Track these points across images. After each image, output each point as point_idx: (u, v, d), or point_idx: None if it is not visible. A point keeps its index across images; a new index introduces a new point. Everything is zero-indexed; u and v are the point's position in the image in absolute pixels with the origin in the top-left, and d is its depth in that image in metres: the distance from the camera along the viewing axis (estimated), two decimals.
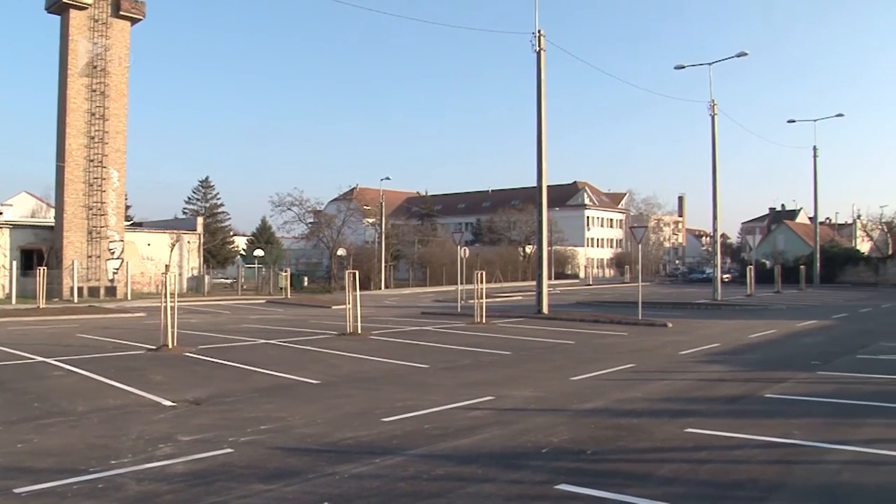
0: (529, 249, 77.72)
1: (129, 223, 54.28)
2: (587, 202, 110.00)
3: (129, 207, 61.58)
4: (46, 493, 6.20)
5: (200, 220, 57.53)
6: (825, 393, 11.39)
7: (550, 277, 50.57)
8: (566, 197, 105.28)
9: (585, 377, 12.96)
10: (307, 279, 61.36)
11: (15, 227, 44.88)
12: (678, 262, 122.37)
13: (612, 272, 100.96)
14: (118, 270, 43.43)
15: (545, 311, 28.22)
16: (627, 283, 70.92)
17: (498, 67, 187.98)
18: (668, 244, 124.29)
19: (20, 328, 23.68)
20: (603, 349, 17.75)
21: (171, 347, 16.85)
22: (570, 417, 9.55)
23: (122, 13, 42.58)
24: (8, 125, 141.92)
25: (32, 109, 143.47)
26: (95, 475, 6.67)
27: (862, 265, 70.31)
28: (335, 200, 71.62)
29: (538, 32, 27.98)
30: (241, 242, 79.39)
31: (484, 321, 25.18)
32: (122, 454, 7.47)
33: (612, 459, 7.53)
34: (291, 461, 7.33)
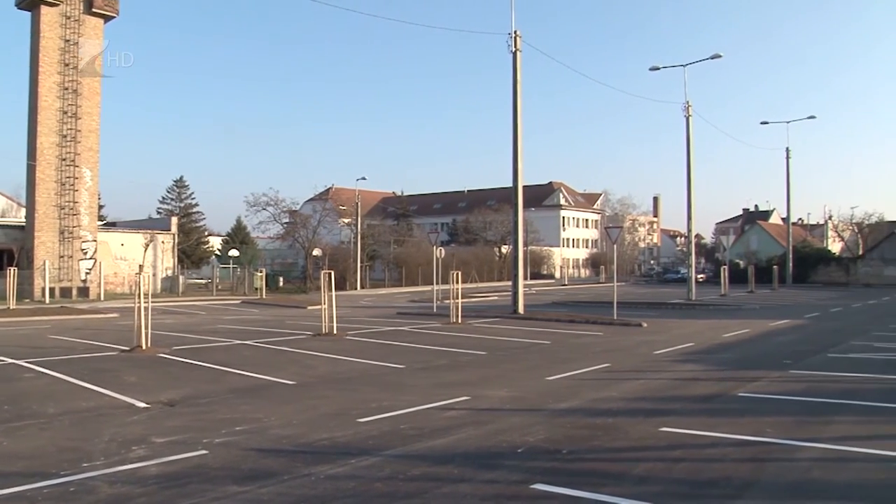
0: (505, 249, 77.82)
1: (102, 223, 53.74)
2: (563, 202, 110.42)
3: (102, 207, 61.10)
4: (15, 497, 6.11)
5: (175, 219, 57.04)
6: (797, 391, 11.53)
7: (526, 277, 50.59)
8: (542, 197, 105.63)
9: (561, 377, 13.00)
10: (282, 279, 61.09)
11: None
12: (653, 262, 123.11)
13: (587, 272, 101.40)
14: (91, 271, 42.96)
15: (521, 311, 28.29)
16: (603, 283, 71.24)
17: (474, 68, 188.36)
18: (643, 244, 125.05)
19: None
20: (578, 349, 17.82)
21: (144, 348, 16.68)
22: (545, 417, 9.58)
23: (94, 10, 41.99)
24: None
25: (2, 107, 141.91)
26: (66, 479, 6.58)
27: (833, 265, 71.20)
28: (311, 200, 71.37)
29: (514, 33, 28.05)
30: (215, 242, 78.93)
31: (460, 321, 25.19)
32: (94, 457, 7.39)
33: (587, 459, 7.55)
34: (266, 462, 7.30)
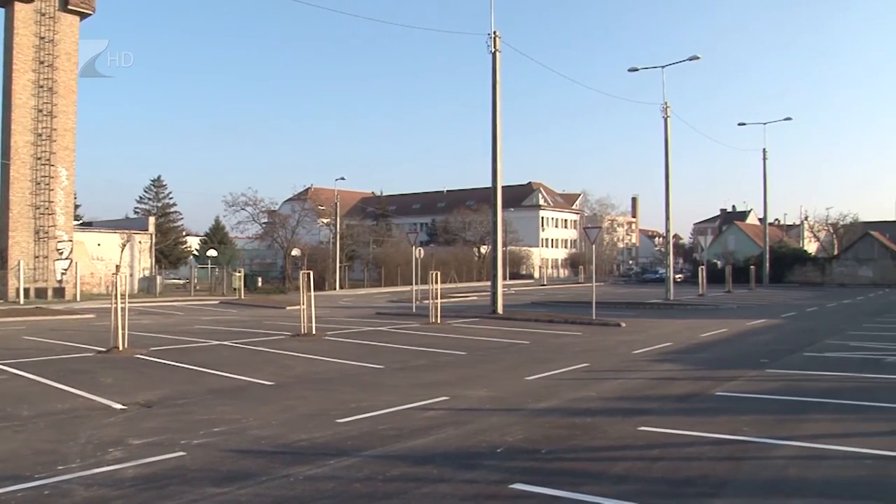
0: (484, 250, 77.92)
1: (78, 223, 53.29)
2: (542, 203, 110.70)
3: (78, 206, 60.57)
4: None
5: (152, 219, 56.67)
6: (773, 390, 11.64)
7: (505, 278, 50.76)
8: (521, 197, 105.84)
9: (540, 377, 13.03)
10: (261, 280, 60.76)
11: None
12: (632, 262, 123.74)
13: (566, 272, 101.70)
14: (67, 271, 42.50)
15: (500, 311, 28.33)
16: (582, 283, 71.56)
17: (453, 68, 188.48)
18: (621, 245, 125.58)
19: None
20: (557, 349, 17.87)
21: (121, 349, 16.53)
22: (524, 417, 9.60)
23: (70, 7, 41.44)
24: None
25: None
26: (41, 482, 6.51)
27: (809, 265, 71.96)
28: (289, 200, 71.18)
29: (493, 34, 28.08)
30: (193, 243, 78.35)
31: (439, 321, 25.19)
32: (69, 459, 7.31)
33: (566, 458, 7.58)
34: (245, 463, 7.26)
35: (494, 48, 28.06)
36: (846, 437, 8.43)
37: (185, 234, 79.42)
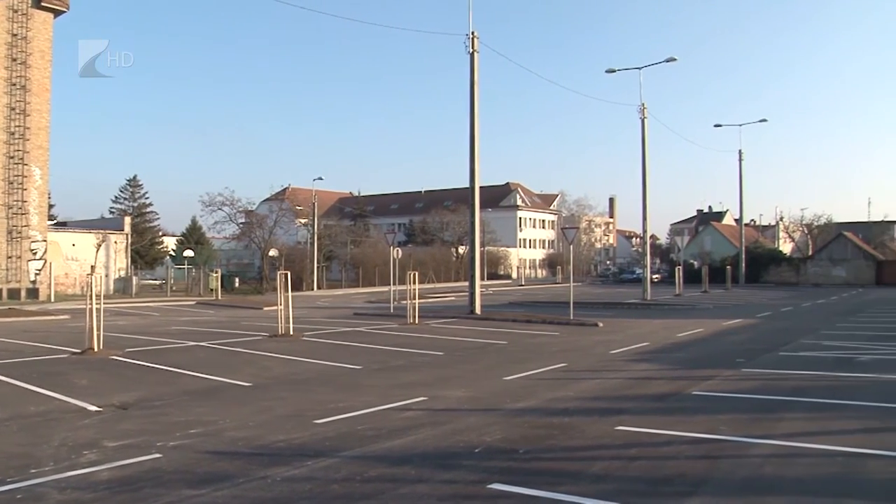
0: (462, 250, 77.98)
1: (52, 222, 52.68)
2: (519, 203, 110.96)
3: (52, 206, 59.89)
4: None
5: (128, 219, 56.11)
6: (749, 389, 11.74)
7: (483, 278, 50.82)
8: (499, 198, 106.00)
9: (518, 377, 13.06)
10: (238, 280, 60.44)
11: None
12: (609, 262, 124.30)
13: (544, 273, 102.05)
14: (40, 272, 41.95)
15: (478, 311, 28.35)
16: (559, 283, 71.77)
17: (431, 68, 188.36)
18: (599, 245, 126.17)
19: None
20: (535, 349, 17.91)
21: (96, 350, 16.36)
22: (502, 417, 9.61)
23: (43, 4, 40.81)
24: None
25: None
26: (13, 486, 6.42)
27: (784, 265, 72.60)
28: (267, 200, 70.90)
29: (472, 34, 28.07)
30: (170, 243, 77.79)
31: (417, 322, 25.16)
32: (43, 462, 7.22)
33: (544, 458, 7.60)
34: (222, 465, 7.21)
35: (472, 49, 28.06)
36: (820, 435, 8.52)
37: (161, 234, 78.88)
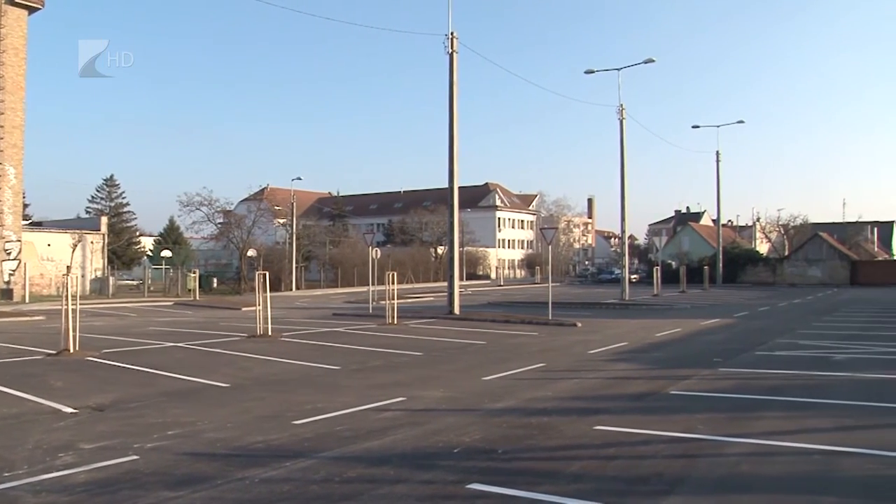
0: (441, 250, 77.93)
1: (27, 222, 52.13)
2: (498, 203, 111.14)
3: (27, 206, 59.20)
4: None
5: (105, 219, 55.60)
6: (726, 388, 11.82)
7: (462, 278, 50.88)
8: (478, 198, 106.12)
9: (497, 377, 13.08)
10: (216, 280, 60.11)
11: None
12: (588, 262, 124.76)
13: (523, 273, 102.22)
14: (15, 272, 41.47)
15: (457, 311, 28.37)
16: (538, 283, 71.89)
17: (410, 68, 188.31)
18: (577, 245, 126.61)
19: None
20: (514, 349, 17.94)
21: (72, 352, 16.21)
22: (481, 417, 9.62)
23: (17, 0, 40.44)
24: None
25: None
26: None
27: (761, 265, 73.17)
28: (245, 200, 70.56)
29: (451, 35, 28.07)
30: (147, 243, 77.16)
31: (395, 322, 25.13)
32: (17, 465, 7.13)
33: (523, 458, 7.61)
34: (200, 467, 7.17)
35: (452, 49, 28.06)
36: (796, 433, 8.60)
37: (138, 234, 78.26)
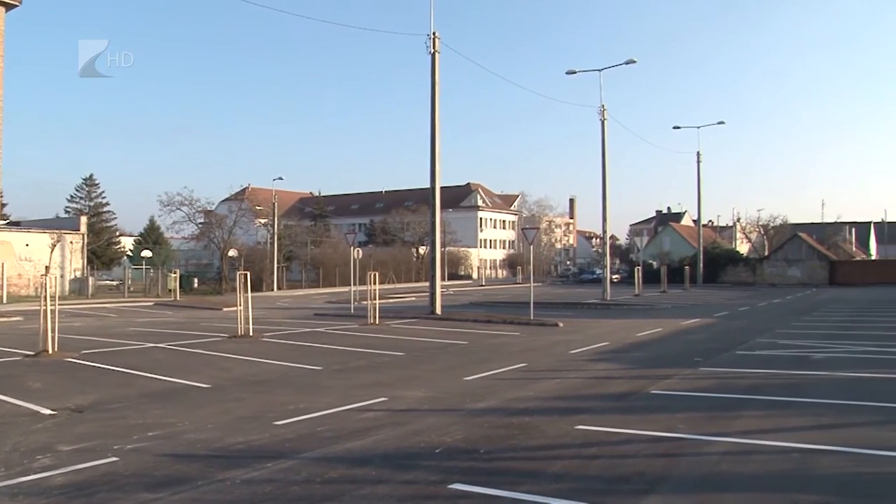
0: (423, 250, 77.95)
1: (4, 222, 51.67)
2: (480, 204, 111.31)
3: (4, 205, 58.69)
4: None
5: (84, 219, 55.17)
6: (707, 388, 11.88)
7: (444, 278, 50.89)
8: (459, 198, 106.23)
9: (478, 377, 13.09)
10: (197, 281, 59.85)
11: None
12: (569, 262, 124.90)
13: (504, 273, 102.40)
14: None
15: (438, 311, 28.37)
16: (520, 283, 71.95)
17: (393, 68, 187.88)
18: (559, 245, 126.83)
19: None
20: (495, 349, 17.96)
21: (51, 353, 16.07)
22: (463, 417, 9.63)
23: None
24: None
25: None
26: None
27: (741, 265, 73.59)
28: (226, 200, 70.33)
29: (433, 35, 28.05)
30: (127, 243, 76.53)
31: (377, 322, 25.10)
32: None
33: (504, 458, 7.62)
34: (180, 468, 7.13)
35: (434, 49, 28.04)
36: (775, 431, 8.66)
37: (118, 234, 77.61)
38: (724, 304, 37.53)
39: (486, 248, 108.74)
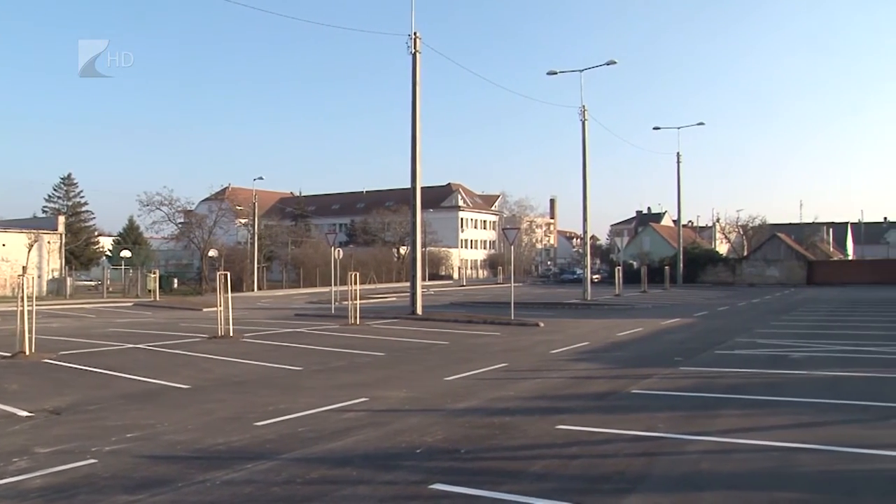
0: (404, 250, 77.92)
1: None
2: (461, 204, 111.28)
3: None
4: None
5: (62, 219, 54.67)
6: (687, 387, 11.95)
7: (424, 278, 50.86)
8: (440, 198, 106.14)
9: (459, 377, 13.09)
10: (177, 281, 59.46)
11: None
12: (550, 263, 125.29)
13: (485, 273, 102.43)
14: None
15: (419, 311, 28.34)
16: (500, 283, 72.09)
17: (373, 68, 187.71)
18: (540, 245, 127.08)
19: None
20: (476, 349, 17.97)
21: (28, 354, 15.91)
22: (444, 417, 9.62)
23: None
24: None
25: None
26: None
27: (721, 265, 74.04)
28: (206, 200, 69.95)
29: (414, 35, 28.01)
30: (106, 243, 75.97)
31: (358, 322, 25.05)
32: None
33: (485, 458, 7.63)
34: (160, 470, 7.07)
35: (415, 49, 28.00)
36: (754, 430, 8.72)
37: (97, 234, 77.02)
38: (703, 303, 37.74)
39: (466, 248, 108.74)
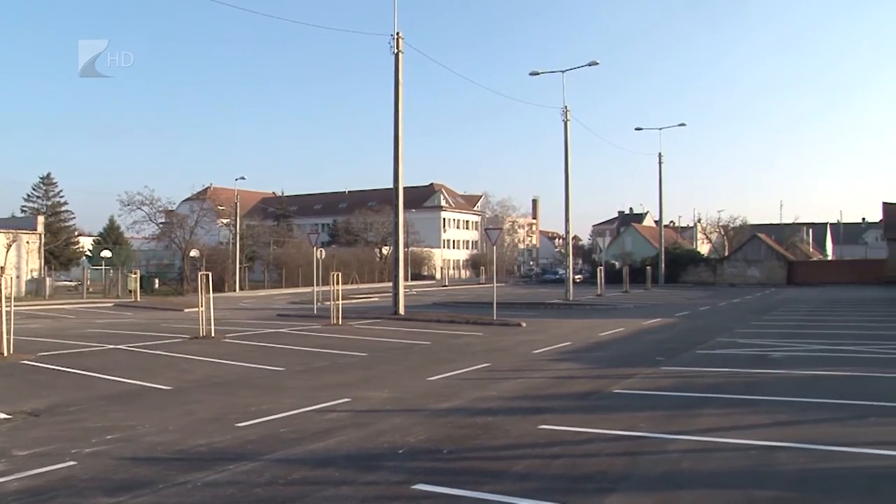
0: (386, 251, 77.85)
1: None
2: (443, 204, 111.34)
3: None
4: None
5: (41, 218, 54.26)
6: (668, 387, 12.02)
7: (407, 279, 50.84)
8: (423, 199, 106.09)
9: (442, 377, 13.10)
10: (158, 281, 59.07)
11: None
12: (532, 263, 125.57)
13: (467, 273, 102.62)
14: None
15: (402, 312, 28.34)
16: (483, 283, 72.11)
17: (355, 68, 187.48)
18: (522, 246, 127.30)
19: None
20: (459, 349, 17.98)
21: (6, 355, 15.77)
22: (426, 417, 9.63)
23: None
24: None
25: None
26: None
27: (702, 266, 74.47)
28: (188, 200, 69.65)
29: (396, 35, 28.00)
30: (86, 243, 75.35)
31: (340, 323, 25.02)
32: None
33: (468, 458, 7.64)
34: (140, 471, 7.03)
35: (397, 49, 27.98)
36: (734, 429, 8.79)
37: (77, 234, 76.36)
38: (685, 303, 37.94)
39: (449, 248, 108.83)
